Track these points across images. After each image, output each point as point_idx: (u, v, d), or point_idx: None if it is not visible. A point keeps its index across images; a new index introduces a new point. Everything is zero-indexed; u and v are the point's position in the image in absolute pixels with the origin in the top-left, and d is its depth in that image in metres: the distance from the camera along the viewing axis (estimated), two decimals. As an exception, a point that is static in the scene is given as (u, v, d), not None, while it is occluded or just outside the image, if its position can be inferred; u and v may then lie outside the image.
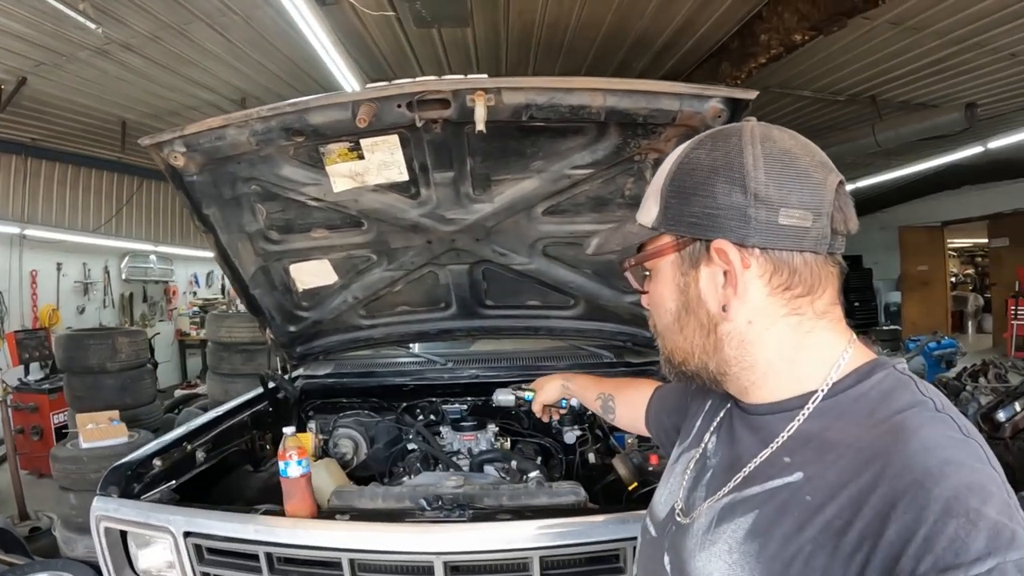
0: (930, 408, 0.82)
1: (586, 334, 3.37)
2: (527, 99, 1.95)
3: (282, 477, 2.12)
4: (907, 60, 6.71)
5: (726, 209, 0.89)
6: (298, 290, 2.93)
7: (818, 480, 0.82)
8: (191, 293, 13.77)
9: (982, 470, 0.75)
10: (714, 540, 0.91)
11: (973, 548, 0.66)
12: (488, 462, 2.75)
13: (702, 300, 0.94)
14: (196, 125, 2.03)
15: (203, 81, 6.73)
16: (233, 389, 6.95)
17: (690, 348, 0.97)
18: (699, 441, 1.12)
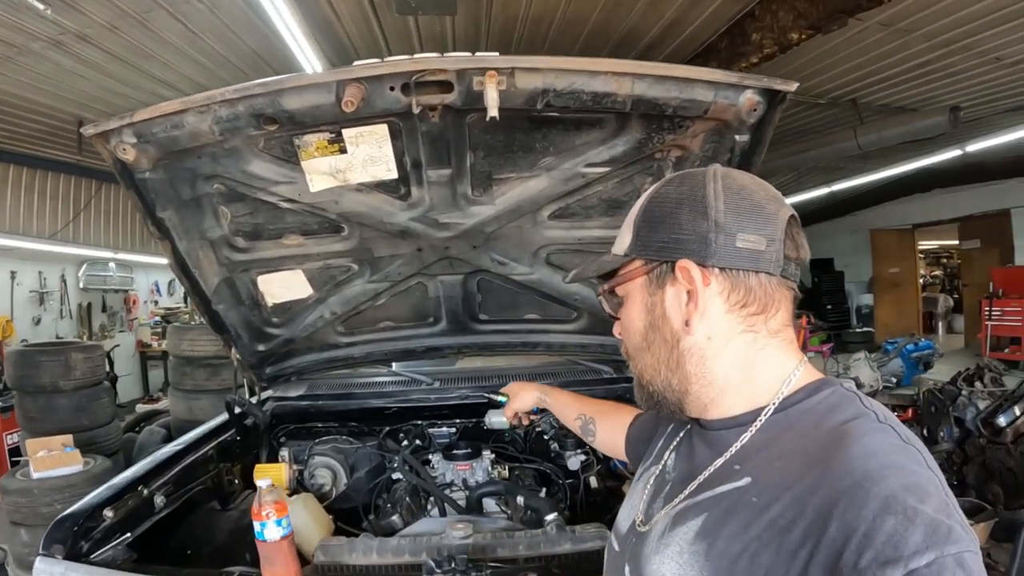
0: (872, 419, 0.88)
1: (588, 349, 3.13)
2: (544, 83, 1.67)
3: (258, 540, 1.81)
4: (893, 63, 6.70)
5: (690, 234, 0.96)
6: (267, 304, 2.63)
7: (764, 483, 0.87)
8: (152, 302, 13.28)
9: (920, 472, 0.79)
10: (667, 543, 0.96)
11: (911, 542, 0.69)
12: (488, 495, 2.50)
13: (667, 317, 1.00)
14: (148, 110, 1.70)
15: (163, 76, 6.40)
16: (196, 406, 6.69)
17: (656, 364, 1.02)
18: (659, 459, 1.17)
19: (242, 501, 2.59)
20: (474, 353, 3.21)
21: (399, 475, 2.72)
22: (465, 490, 2.62)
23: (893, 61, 6.62)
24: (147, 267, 12.64)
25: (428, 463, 2.79)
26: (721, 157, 2.00)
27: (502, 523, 2.29)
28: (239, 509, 2.52)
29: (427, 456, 2.83)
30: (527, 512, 2.36)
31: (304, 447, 2.87)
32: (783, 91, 1.75)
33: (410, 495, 2.59)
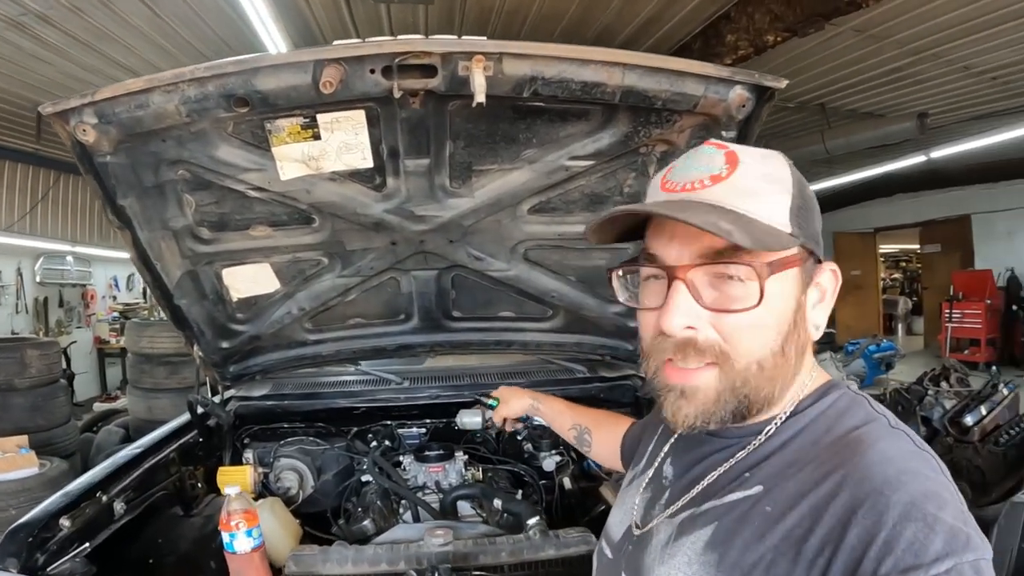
0: (884, 424, 0.86)
1: (564, 348, 3.05)
2: (533, 70, 1.60)
3: (228, 552, 1.71)
4: (864, 68, 6.82)
5: (819, 233, 0.94)
6: (232, 299, 2.50)
7: (778, 492, 0.84)
8: (111, 298, 13.00)
9: (937, 479, 0.78)
10: (673, 553, 0.92)
11: (931, 549, 0.69)
12: (463, 499, 2.42)
13: (807, 319, 0.93)
14: (111, 88, 1.58)
15: (126, 62, 6.23)
16: (156, 405, 6.56)
17: (782, 372, 0.90)
18: (651, 463, 1.14)
19: (205, 506, 2.47)
20: (446, 351, 3.11)
21: (368, 477, 2.62)
22: (439, 493, 2.54)
23: (864, 67, 6.75)
24: (106, 261, 12.38)
25: (399, 465, 2.69)
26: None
27: (481, 528, 2.21)
28: (203, 515, 2.41)
29: (398, 458, 2.74)
30: (503, 516, 2.29)
31: (269, 449, 2.74)
32: (772, 88, 1.73)
33: (381, 498, 2.50)
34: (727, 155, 0.90)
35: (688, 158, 0.94)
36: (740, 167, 0.88)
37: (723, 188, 0.88)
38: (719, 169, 0.89)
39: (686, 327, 0.88)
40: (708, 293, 0.88)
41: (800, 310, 0.90)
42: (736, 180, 0.88)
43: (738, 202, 0.87)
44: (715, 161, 0.90)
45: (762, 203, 0.87)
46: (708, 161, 0.91)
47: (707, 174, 0.89)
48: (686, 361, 0.89)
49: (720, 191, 0.88)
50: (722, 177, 0.88)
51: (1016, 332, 12.32)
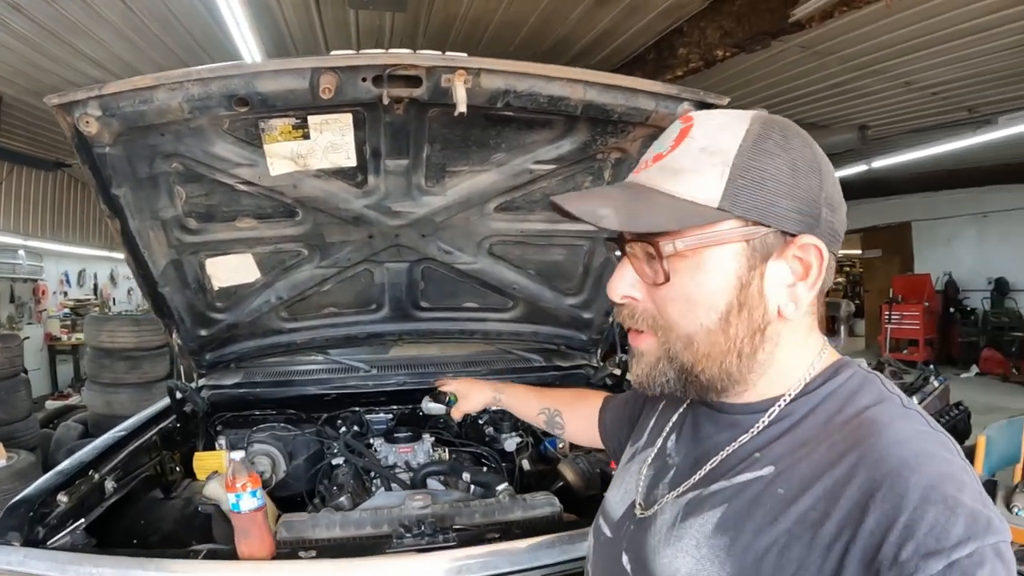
0: (897, 404, 0.84)
1: (522, 337, 3.23)
2: (507, 84, 1.79)
3: (233, 512, 1.80)
4: (809, 82, 7.01)
5: (807, 204, 0.85)
6: (213, 288, 2.59)
7: (790, 473, 0.82)
8: (62, 293, 12.70)
9: (954, 461, 0.76)
10: (680, 536, 0.90)
11: (953, 533, 0.67)
12: (433, 475, 2.56)
13: (764, 296, 0.87)
14: (119, 84, 1.69)
15: (94, 55, 6.16)
16: (115, 401, 6.46)
17: (725, 348, 0.87)
18: (654, 441, 1.11)
19: (183, 489, 2.54)
20: (413, 340, 3.25)
21: (339, 461, 2.74)
22: (408, 471, 2.67)
23: (809, 80, 6.93)
24: (57, 256, 12.09)
25: (370, 447, 2.83)
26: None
27: (456, 494, 2.35)
28: (182, 497, 2.46)
29: (368, 441, 2.87)
30: (472, 489, 2.45)
31: (241, 435, 2.82)
32: (715, 104, 1.96)
33: (354, 478, 2.63)
34: (681, 131, 0.89)
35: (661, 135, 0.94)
36: (683, 143, 0.87)
37: (656, 168, 0.88)
38: (666, 147, 0.89)
39: (624, 295, 0.92)
40: (645, 267, 0.90)
41: (747, 288, 0.85)
42: (670, 159, 0.88)
43: (662, 182, 0.86)
44: (668, 137, 0.90)
45: (687, 180, 0.85)
46: (665, 138, 0.91)
47: (653, 153, 0.91)
48: (633, 325, 0.93)
49: (653, 171, 0.88)
50: (662, 156, 0.89)
51: (953, 333, 12.95)
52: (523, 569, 1.69)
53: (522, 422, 2.95)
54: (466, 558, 1.69)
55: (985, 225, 13.04)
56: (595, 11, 5.39)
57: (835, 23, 5.12)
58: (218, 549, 1.86)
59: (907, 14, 5.22)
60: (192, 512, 2.25)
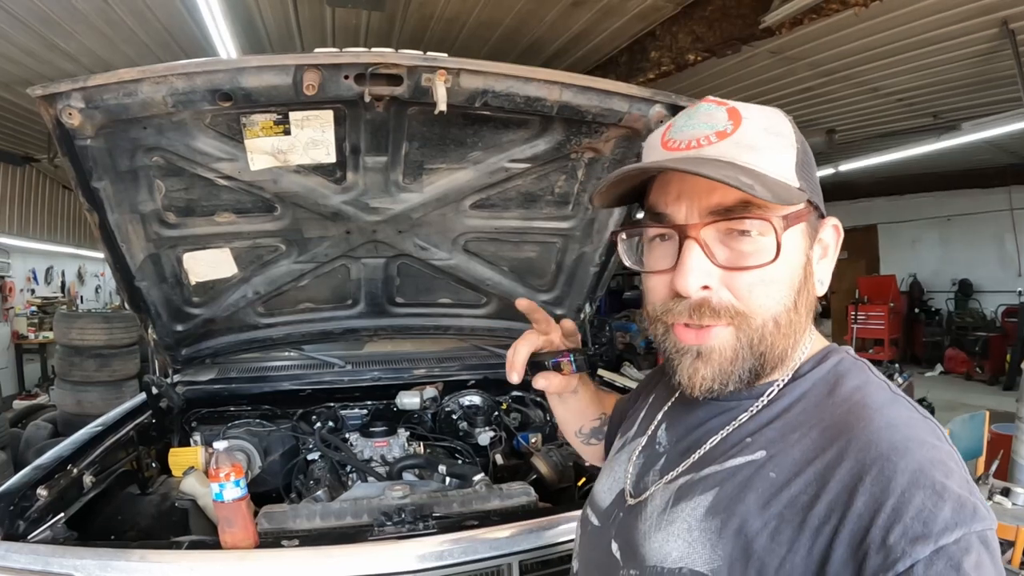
0: (885, 390, 0.85)
1: (495, 333, 3.27)
2: (485, 85, 1.84)
3: (217, 502, 1.81)
4: (777, 87, 7.14)
5: (817, 187, 0.91)
6: (190, 283, 2.59)
7: (782, 457, 0.82)
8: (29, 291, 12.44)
9: (942, 447, 0.77)
10: (671, 520, 0.89)
11: (940, 518, 0.68)
12: (409, 468, 2.58)
13: (813, 274, 0.91)
14: (103, 76, 1.70)
15: (66, 47, 6.09)
16: (86, 399, 6.38)
17: (795, 328, 0.88)
18: (644, 430, 1.09)
19: (160, 485, 2.53)
20: (387, 336, 3.27)
21: (315, 456, 2.76)
22: (384, 465, 2.69)
23: (778, 85, 7.06)
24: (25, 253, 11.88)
25: (346, 441, 2.84)
26: (628, 161, 2.24)
27: (434, 485, 2.38)
28: (159, 493, 2.46)
29: (343, 436, 2.89)
30: (448, 480, 2.47)
31: (216, 431, 2.80)
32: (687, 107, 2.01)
33: (330, 472, 2.63)
34: (729, 111, 0.88)
35: (688, 116, 0.91)
36: (744, 123, 0.86)
37: (729, 144, 0.85)
38: (723, 125, 0.86)
39: (702, 287, 0.86)
40: (720, 251, 0.86)
41: (808, 264, 0.89)
42: (741, 136, 0.85)
43: (746, 157, 0.84)
44: (717, 117, 0.88)
45: (768, 158, 0.85)
46: (709, 118, 0.88)
47: (711, 131, 0.87)
48: (701, 320, 0.86)
49: (726, 147, 0.85)
50: (727, 133, 0.86)
51: (917, 333, 13.28)
52: (502, 554, 1.74)
53: (495, 416, 3.01)
54: (446, 544, 1.73)
55: (949, 228, 13.32)
56: (570, 13, 5.45)
57: (804, 30, 5.22)
58: (200, 540, 1.87)
59: (875, 23, 5.34)
60: (169, 507, 2.26)
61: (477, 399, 3.13)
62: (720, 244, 0.86)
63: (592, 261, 2.69)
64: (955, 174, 12.12)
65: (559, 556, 1.80)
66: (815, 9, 4.56)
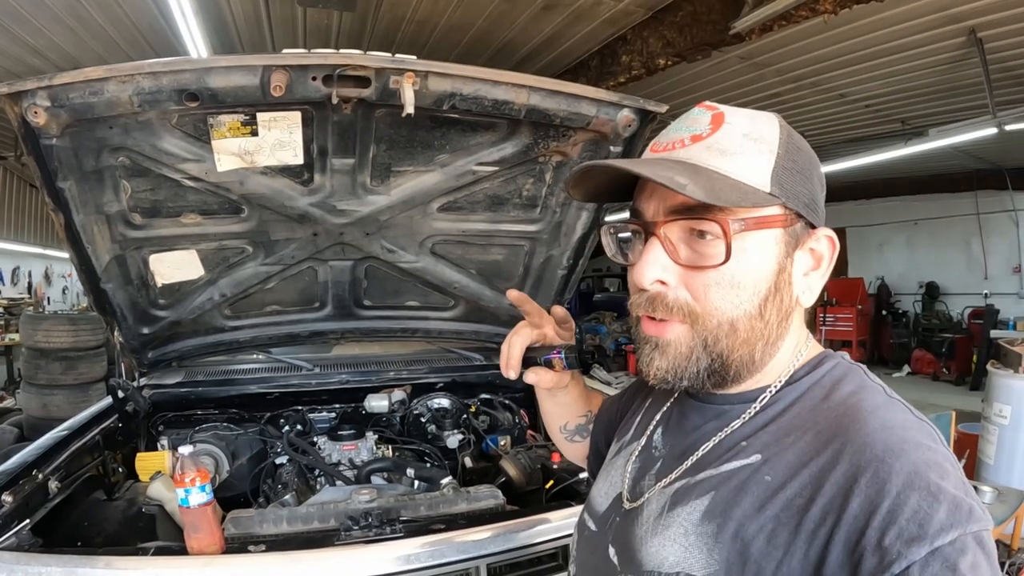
0: (881, 393, 0.85)
1: (463, 336, 3.27)
2: (453, 87, 1.84)
3: (183, 507, 1.81)
4: (748, 92, 7.24)
5: (818, 199, 0.90)
6: (156, 285, 2.56)
7: (777, 461, 0.82)
8: (-8, 292, 12.27)
9: (937, 449, 0.76)
10: (668, 524, 0.89)
11: (935, 520, 0.67)
12: (377, 472, 2.58)
13: (792, 283, 0.89)
14: (69, 75, 1.68)
15: (35, 43, 6.03)
16: (52, 403, 6.30)
17: (763, 336, 0.88)
18: (641, 434, 1.09)
19: (127, 490, 2.50)
20: (354, 339, 3.26)
21: (282, 460, 2.74)
22: (352, 469, 2.68)
23: (748, 90, 7.15)
24: (-12, 253, 11.70)
25: (314, 445, 2.83)
26: (596, 165, 2.25)
27: (401, 488, 2.38)
28: (125, 498, 2.42)
29: (311, 439, 2.88)
30: (416, 484, 2.47)
31: (184, 435, 2.80)
32: (654, 112, 2.05)
33: (298, 476, 2.62)
34: (714, 116, 0.89)
35: (679, 120, 0.92)
36: (724, 127, 0.87)
37: (700, 147, 0.87)
38: (701, 129, 0.88)
39: (656, 280, 0.87)
40: (683, 250, 0.87)
41: (783, 273, 0.87)
42: (715, 139, 0.86)
43: (713, 160, 0.85)
44: (700, 122, 0.89)
45: (738, 162, 0.85)
46: (693, 122, 0.90)
47: (688, 134, 0.88)
48: (655, 313, 0.88)
49: (697, 149, 0.87)
50: (702, 136, 0.87)
51: (885, 334, 13.48)
52: (469, 557, 1.75)
53: (464, 419, 3.01)
54: (413, 548, 1.74)
55: (917, 232, 13.59)
56: (541, 17, 5.47)
57: (774, 36, 5.29)
58: (166, 546, 1.87)
59: (843, 30, 5.43)
60: (136, 513, 2.23)
61: (445, 402, 3.13)
62: (684, 244, 0.87)
63: (560, 264, 2.70)
64: (923, 179, 12.34)
65: (528, 558, 1.82)
66: (784, 16, 4.60)
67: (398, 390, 3.12)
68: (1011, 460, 4.93)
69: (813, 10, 4.47)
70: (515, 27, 5.72)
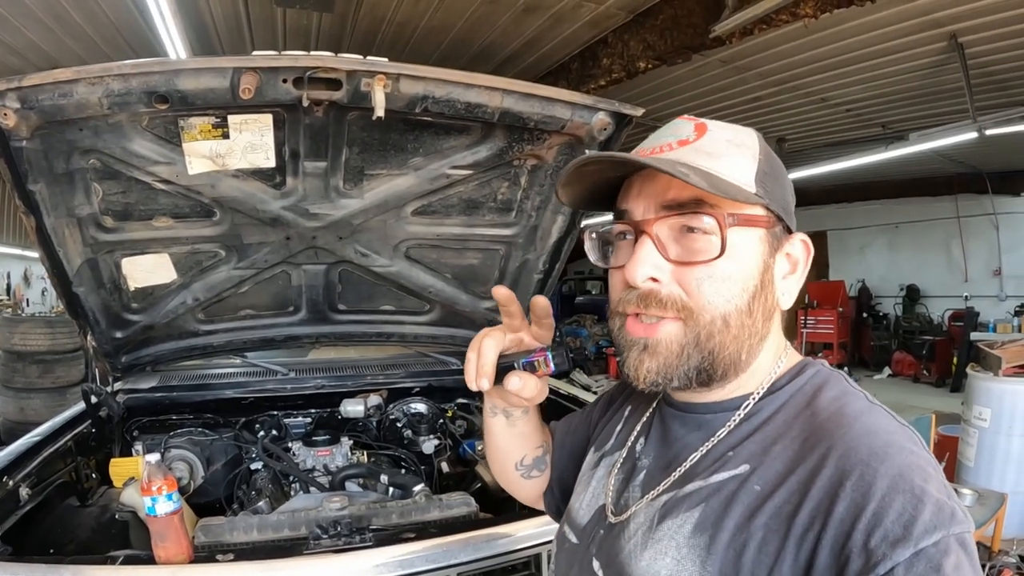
0: (863, 399, 0.86)
1: (439, 340, 3.25)
2: (425, 90, 1.83)
3: (149, 516, 1.79)
4: (729, 95, 7.26)
5: (791, 206, 0.93)
6: (129, 289, 2.53)
7: (765, 470, 0.82)
8: (-33, 294, 12.12)
9: (920, 453, 0.78)
10: (658, 538, 0.88)
11: (920, 522, 0.68)
12: (351, 478, 2.56)
13: (774, 284, 0.90)
14: (38, 76, 1.66)
15: (12, 43, 5.95)
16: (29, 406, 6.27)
17: (752, 332, 0.88)
18: (622, 444, 1.08)
19: (100, 497, 2.48)
20: (330, 343, 3.23)
21: (258, 465, 2.72)
22: (327, 475, 2.67)
23: (729, 94, 7.16)
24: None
25: (288, 450, 2.81)
26: (572, 168, 2.24)
27: (373, 496, 2.37)
28: (99, 505, 2.41)
29: (286, 445, 2.86)
30: (390, 490, 2.46)
31: (158, 440, 2.77)
32: (630, 115, 2.03)
33: (272, 482, 2.61)
34: (697, 125, 0.91)
35: (661, 130, 0.94)
36: (707, 134, 0.90)
37: (688, 149, 0.88)
38: (687, 135, 0.90)
39: (649, 278, 0.87)
40: (673, 247, 0.87)
41: (768, 272, 0.89)
42: (702, 144, 0.89)
43: (702, 162, 0.87)
44: (684, 129, 0.91)
45: (726, 163, 0.87)
46: (677, 130, 0.92)
47: (675, 139, 0.90)
48: (648, 311, 0.88)
49: (685, 151, 0.88)
50: (688, 141, 0.89)
51: (866, 337, 13.56)
52: (440, 567, 1.73)
53: (440, 424, 3.00)
54: (382, 557, 1.72)
55: (897, 235, 13.70)
56: (522, 19, 5.47)
57: (755, 40, 5.31)
58: (135, 555, 1.84)
59: (825, 35, 5.45)
60: (109, 519, 2.22)
61: (422, 407, 3.12)
62: (674, 241, 0.87)
63: (536, 268, 2.68)
64: (904, 183, 12.45)
65: (500, 567, 1.81)
66: (765, 20, 4.61)
67: (374, 395, 3.12)
68: (991, 462, 4.96)
69: (794, 14, 4.48)
70: (496, 29, 5.70)
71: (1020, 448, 4.86)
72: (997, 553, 4.25)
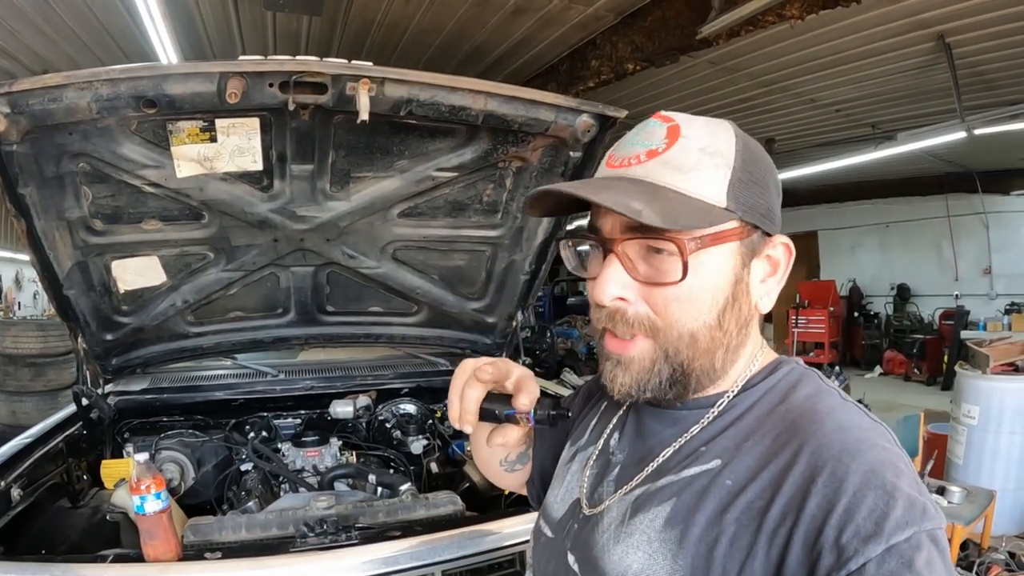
0: (836, 396, 0.87)
1: (427, 341, 3.27)
2: (409, 93, 1.86)
3: (138, 515, 1.80)
4: (719, 96, 7.25)
5: (775, 207, 0.90)
6: (119, 291, 2.55)
7: (736, 465, 0.83)
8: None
9: (892, 450, 0.78)
10: (630, 532, 0.89)
11: (892, 517, 0.69)
12: (340, 478, 2.57)
13: (749, 294, 0.90)
14: (28, 81, 1.69)
15: (4, 44, 5.92)
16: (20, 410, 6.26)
17: (723, 344, 0.89)
18: (597, 438, 1.09)
19: (91, 498, 2.48)
20: (319, 344, 3.25)
21: (247, 467, 2.73)
22: (316, 475, 2.68)
23: (718, 95, 7.16)
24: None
25: (278, 451, 2.83)
26: (556, 170, 2.28)
27: (360, 495, 2.38)
28: (90, 506, 2.41)
29: (276, 446, 2.88)
30: (379, 489, 2.48)
31: (149, 442, 2.77)
32: (613, 117, 2.06)
33: (262, 483, 2.62)
34: (670, 129, 0.88)
35: (636, 132, 0.91)
36: (680, 141, 0.86)
37: (656, 163, 0.86)
38: (657, 143, 0.87)
39: (615, 297, 0.87)
40: (641, 266, 0.87)
41: (740, 283, 0.88)
42: (671, 155, 0.86)
43: (668, 178, 0.85)
44: (656, 135, 0.88)
45: (694, 179, 0.85)
46: (649, 136, 0.88)
47: (644, 149, 0.87)
48: (616, 329, 0.89)
49: (653, 166, 0.86)
50: (658, 152, 0.86)
51: (857, 336, 13.62)
52: (425, 564, 1.75)
53: (429, 424, 3.02)
54: (368, 555, 1.74)
55: (887, 234, 13.72)
56: (511, 21, 5.47)
57: (742, 41, 5.31)
58: (125, 553, 1.85)
59: (812, 35, 5.46)
60: (100, 520, 2.22)
61: (411, 407, 3.14)
62: (642, 260, 0.87)
63: (522, 269, 2.71)
64: (894, 182, 12.48)
65: (486, 565, 1.83)
66: (752, 21, 4.60)
67: (363, 396, 3.13)
68: (979, 460, 4.99)
69: (780, 15, 4.48)
70: (485, 31, 5.70)
71: (1008, 445, 4.89)
72: (986, 550, 4.29)
